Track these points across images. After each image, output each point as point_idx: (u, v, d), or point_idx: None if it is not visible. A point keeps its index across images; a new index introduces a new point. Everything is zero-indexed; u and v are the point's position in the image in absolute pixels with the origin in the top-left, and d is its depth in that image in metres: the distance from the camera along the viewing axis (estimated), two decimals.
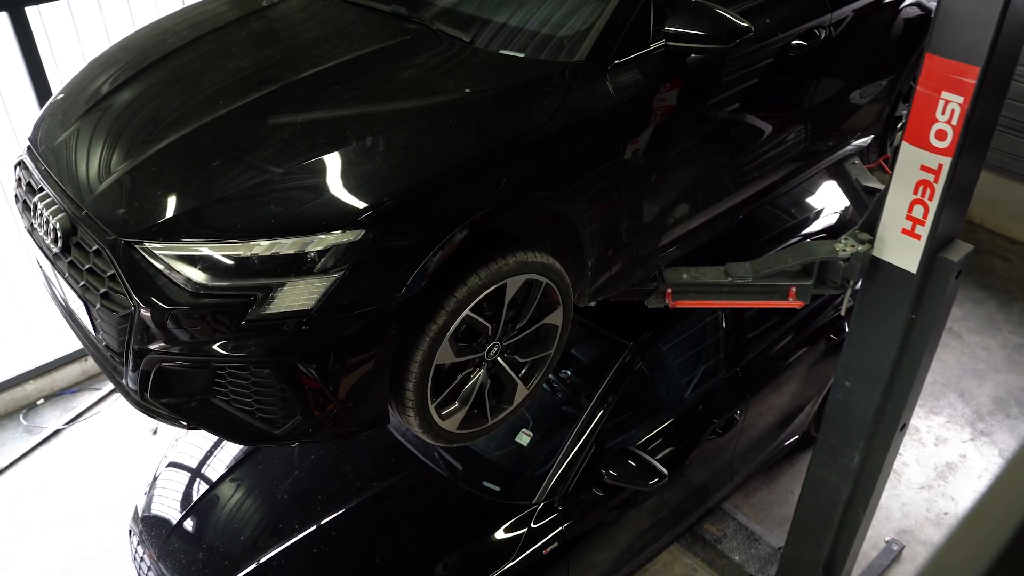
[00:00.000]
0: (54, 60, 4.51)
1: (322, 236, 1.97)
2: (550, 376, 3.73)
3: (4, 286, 4.91)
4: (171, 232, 2.01)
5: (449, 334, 2.22)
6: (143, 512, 3.55)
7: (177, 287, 1.99)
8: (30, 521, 4.43)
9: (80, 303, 2.24)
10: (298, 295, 1.98)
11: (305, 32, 2.65)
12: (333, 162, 2.07)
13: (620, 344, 3.56)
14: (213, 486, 3.55)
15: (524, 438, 3.46)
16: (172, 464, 3.75)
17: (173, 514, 3.47)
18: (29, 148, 2.52)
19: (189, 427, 2.24)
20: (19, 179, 2.54)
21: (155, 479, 3.71)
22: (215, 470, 3.63)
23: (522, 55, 2.39)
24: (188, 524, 3.41)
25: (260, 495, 3.48)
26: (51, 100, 2.69)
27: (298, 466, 3.52)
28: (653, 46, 2.47)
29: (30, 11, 4.28)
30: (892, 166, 2.67)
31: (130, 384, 2.19)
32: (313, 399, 2.11)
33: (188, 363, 2.07)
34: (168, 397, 2.16)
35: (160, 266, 2.01)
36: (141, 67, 2.54)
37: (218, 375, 2.10)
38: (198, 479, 3.63)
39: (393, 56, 2.42)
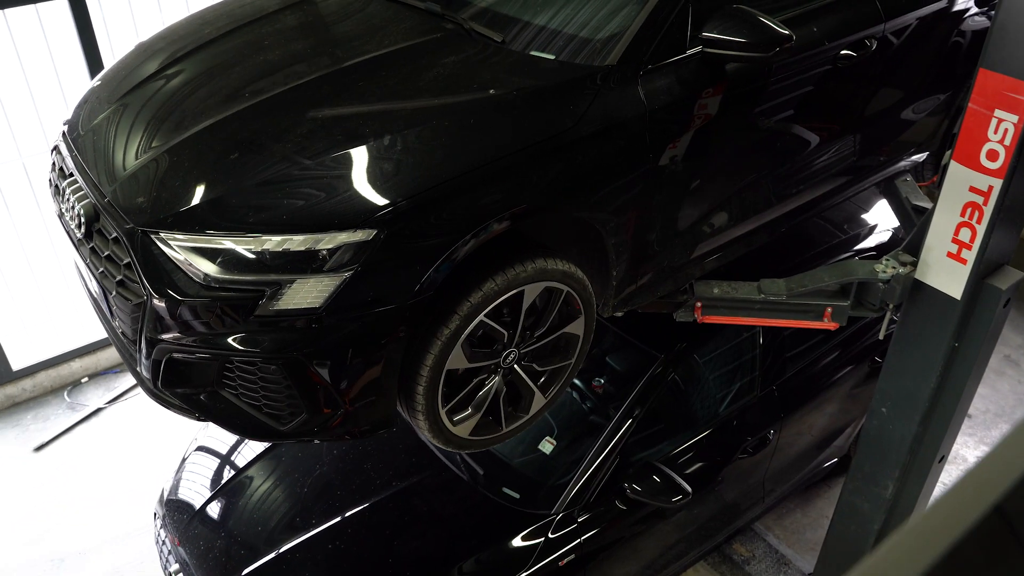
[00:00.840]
0: (111, 47, 4.61)
1: (333, 234, 1.95)
2: (580, 385, 3.68)
3: (55, 267, 5.04)
4: (185, 223, 2.01)
5: (462, 339, 2.19)
6: (168, 495, 3.60)
7: (188, 278, 1.99)
8: (66, 497, 4.54)
9: (99, 290, 2.26)
10: (307, 292, 1.97)
11: (339, 27, 2.64)
12: (349, 159, 2.05)
13: (651, 355, 3.48)
14: (238, 474, 3.58)
15: (547, 446, 3.41)
16: (201, 448, 3.80)
17: (197, 499, 3.50)
18: (64, 134, 2.56)
19: (199, 419, 2.24)
20: (53, 163, 2.58)
21: (183, 461, 3.76)
22: (243, 456, 3.66)
23: (552, 57, 2.34)
24: (210, 510, 3.44)
25: (282, 486, 3.49)
26: (89, 87, 2.73)
27: (322, 460, 3.53)
28: (690, 52, 2.39)
29: None
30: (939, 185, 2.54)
31: (144, 372, 2.21)
32: (319, 397, 2.09)
33: (197, 355, 2.07)
34: (179, 387, 2.17)
35: (173, 257, 2.01)
36: (175, 57, 2.56)
37: (227, 368, 2.10)
38: (224, 465, 3.67)
39: (422, 54, 2.39)
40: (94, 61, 4.46)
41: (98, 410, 5.05)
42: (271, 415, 2.15)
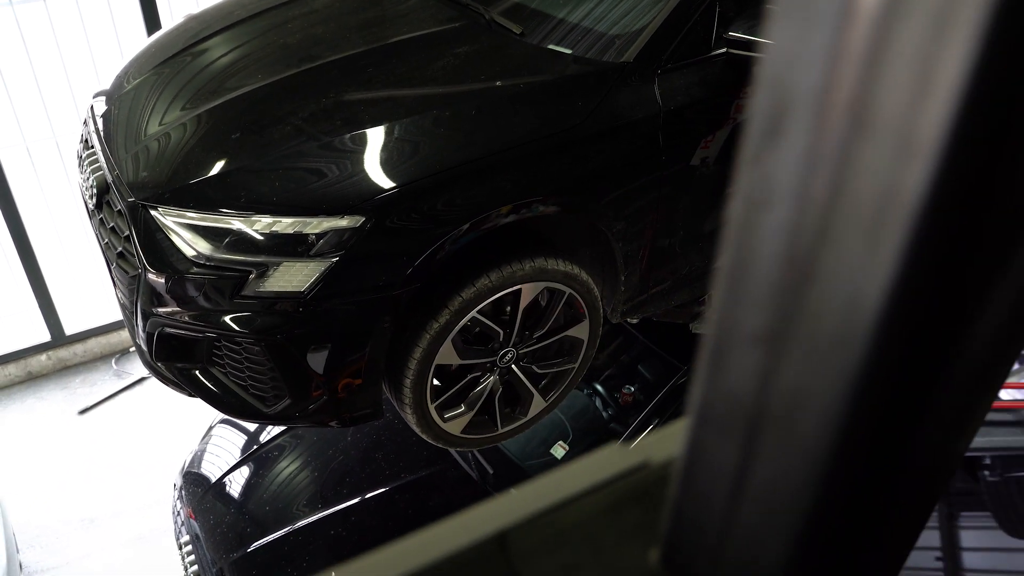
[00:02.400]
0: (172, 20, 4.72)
1: (321, 219, 1.93)
2: (602, 391, 3.60)
3: None
4: (181, 199, 2.02)
5: (452, 334, 2.14)
6: (187, 467, 3.67)
7: (181, 254, 2.01)
8: (103, 460, 4.68)
9: (104, 260, 2.31)
10: (293, 276, 1.95)
11: (363, 12, 2.62)
12: (345, 145, 2.03)
13: (674, 366, 3.37)
14: (255, 451, 3.62)
15: (559, 451, 3.34)
16: (225, 420, 3.85)
17: (213, 473, 3.56)
18: (91, 107, 2.61)
19: (190, 395, 2.26)
20: (81, 135, 2.64)
21: (209, 431, 3.83)
22: (263, 432, 3.70)
23: (569, 52, 2.27)
24: (224, 485, 3.49)
25: (295, 468, 3.52)
26: (126, 62, 2.78)
27: (336, 445, 3.54)
28: (715, 52, 2.29)
29: None
30: None
31: (141, 344, 2.24)
32: (303, 382, 2.08)
33: (186, 331, 2.08)
34: (171, 361, 2.19)
35: (167, 232, 2.02)
36: (201, 37, 2.59)
37: (216, 347, 2.11)
38: (244, 439, 3.72)
39: (436, 43, 2.35)
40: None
41: (142, 379, 5.19)
42: (257, 396, 2.15)
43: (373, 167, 1.99)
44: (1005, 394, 3.14)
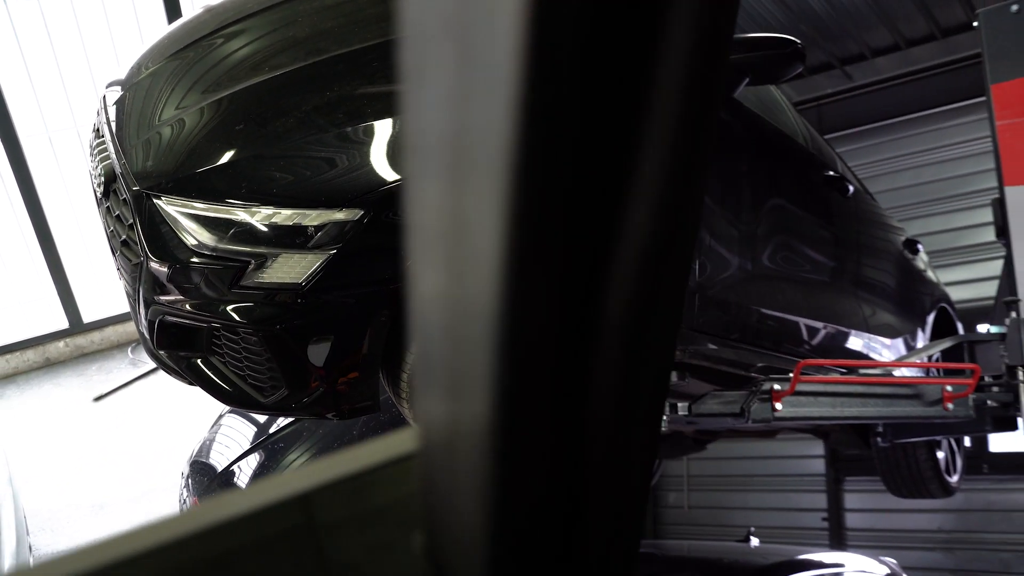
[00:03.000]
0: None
1: (320, 211, 1.94)
2: None
3: None
4: (183, 189, 2.04)
5: None
6: (195, 456, 3.70)
7: (181, 243, 2.03)
8: (116, 447, 4.74)
9: (109, 248, 2.34)
10: (291, 267, 1.97)
11: (373, 8, 2.63)
12: (346, 139, 2.04)
13: None
14: (264, 440, 3.64)
15: None
16: (234, 410, 3.88)
17: (220, 462, 3.59)
18: (104, 96, 2.64)
19: (190, 383, 2.28)
20: (94, 124, 2.67)
21: (218, 420, 3.86)
22: (271, 421, 3.72)
23: None
24: (231, 475, 3.52)
25: (303, 459, 3.54)
26: (140, 52, 2.81)
27: (342, 438, 3.56)
28: None
29: None
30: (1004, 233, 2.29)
31: (144, 332, 2.26)
32: (299, 373, 2.09)
33: (186, 320, 2.10)
34: (172, 350, 2.21)
35: (169, 221, 2.05)
36: (214, 29, 2.61)
37: (215, 336, 2.13)
38: (255, 429, 3.74)
39: None
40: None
41: (157, 368, 5.24)
42: (254, 386, 2.17)
43: (375, 160, 2.00)
44: (898, 372, 3.23)
